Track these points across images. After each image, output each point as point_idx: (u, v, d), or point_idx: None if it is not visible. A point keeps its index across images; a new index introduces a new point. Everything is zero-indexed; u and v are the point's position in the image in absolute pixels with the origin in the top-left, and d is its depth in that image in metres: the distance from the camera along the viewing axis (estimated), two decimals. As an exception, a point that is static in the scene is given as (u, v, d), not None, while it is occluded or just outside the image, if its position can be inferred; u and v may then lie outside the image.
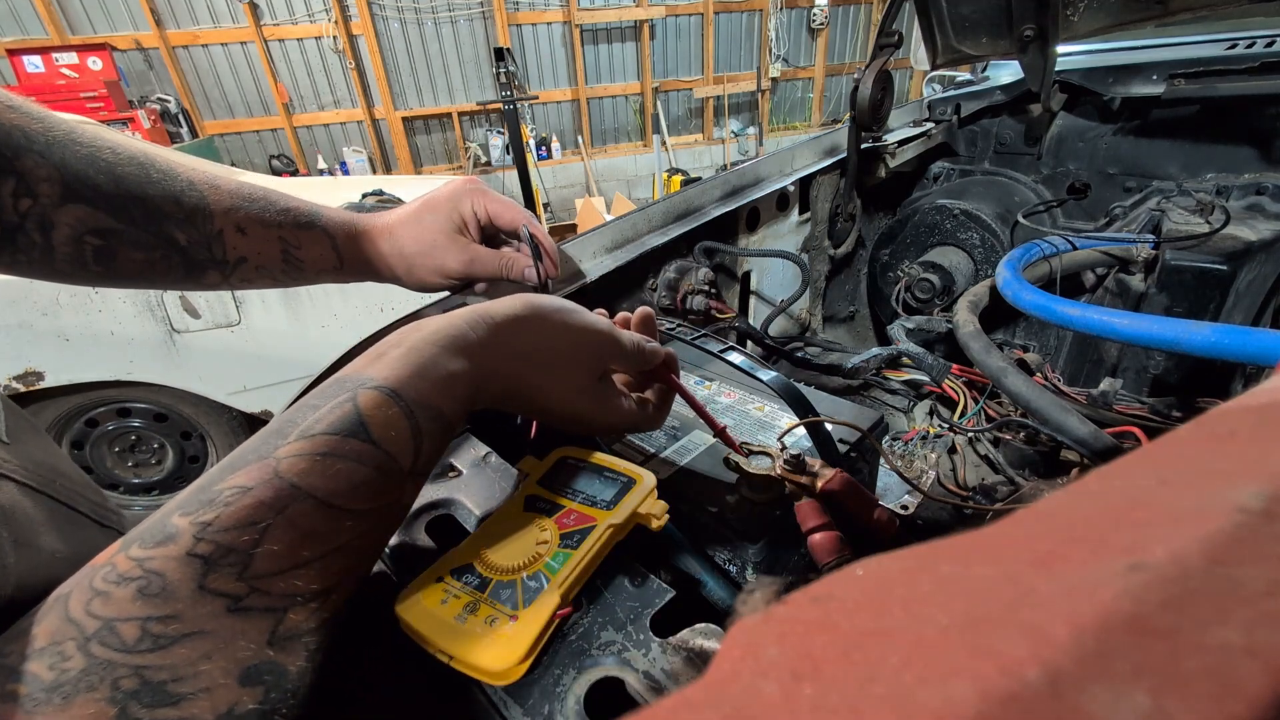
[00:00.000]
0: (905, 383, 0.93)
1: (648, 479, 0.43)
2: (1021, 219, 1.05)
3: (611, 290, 0.83)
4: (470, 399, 0.36)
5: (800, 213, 1.20)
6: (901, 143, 1.29)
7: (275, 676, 0.27)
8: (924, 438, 0.83)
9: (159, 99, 5.28)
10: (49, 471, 0.40)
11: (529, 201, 5.24)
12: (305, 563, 0.28)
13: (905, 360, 0.91)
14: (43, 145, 0.43)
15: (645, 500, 0.42)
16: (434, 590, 0.36)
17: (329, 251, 0.57)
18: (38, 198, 0.42)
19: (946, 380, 0.85)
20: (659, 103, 6.83)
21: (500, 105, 4.91)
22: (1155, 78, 1.16)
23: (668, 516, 0.42)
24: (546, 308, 0.40)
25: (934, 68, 1.25)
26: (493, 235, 0.63)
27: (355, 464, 0.30)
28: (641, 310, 0.49)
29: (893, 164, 1.27)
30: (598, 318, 0.43)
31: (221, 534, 0.26)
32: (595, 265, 0.82)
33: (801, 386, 0.57)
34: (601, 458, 0.46)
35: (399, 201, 2.58)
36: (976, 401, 0.82)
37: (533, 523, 0.40)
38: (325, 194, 2.64)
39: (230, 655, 0.25)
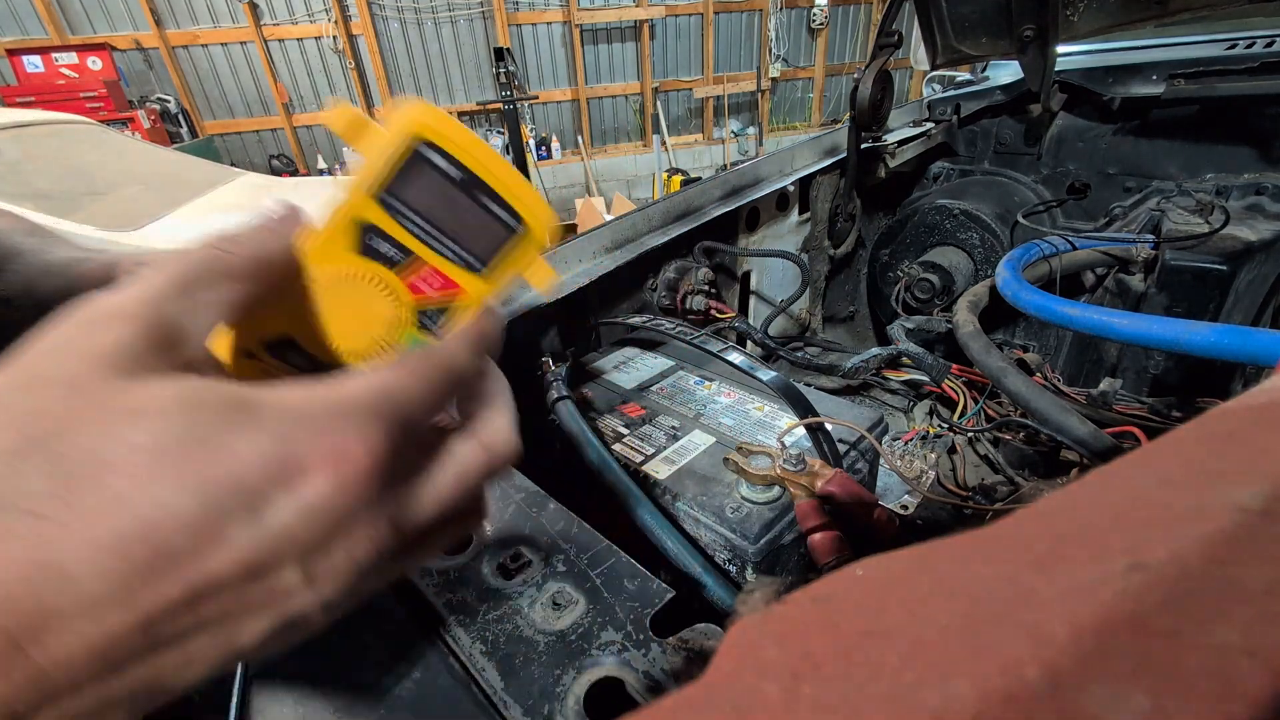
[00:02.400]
0: (905, 383, 0.93)
1: (538, 225, 0.28)
2: (1021, 219, 1.05)
3: (612, 290, 0.83)
4: None
5: (800, 213, 1.20)
6: (901, 143, 1.29)
7: None
8: (924, 438, 0.84)
9: (159, 99, 5.29)
10: None
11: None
12: None
13: (905, 360, 0.91)
14: None
15: (532, 265, 0.28)
16: (247, 368, 0.26)
17: None
18: None
19: (946, 380, 0.85)
20: (659, 103, 6.82)
21: (500, 105, 4.91)
22: (1155, 78, 1.16)
23: (559, 280, 0.30)
24: None
25: (934, 68, 1.25)
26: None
27: None
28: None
29: (893, 164, 1.27)
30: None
31: None
32: (595, 265, 0.82)
33: (801, 386, 0.57)
34: (485, 160, 0.26)
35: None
36: (976, 401, 0.82)
37: (370, 279, 0.26)
38: (325, 193, 2.64)
39: None
